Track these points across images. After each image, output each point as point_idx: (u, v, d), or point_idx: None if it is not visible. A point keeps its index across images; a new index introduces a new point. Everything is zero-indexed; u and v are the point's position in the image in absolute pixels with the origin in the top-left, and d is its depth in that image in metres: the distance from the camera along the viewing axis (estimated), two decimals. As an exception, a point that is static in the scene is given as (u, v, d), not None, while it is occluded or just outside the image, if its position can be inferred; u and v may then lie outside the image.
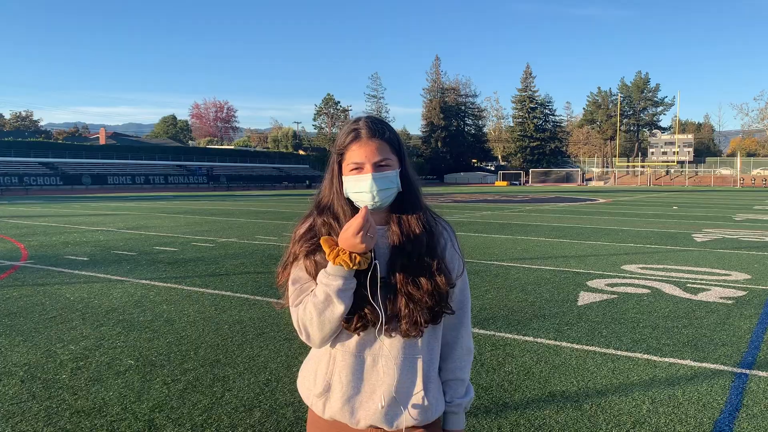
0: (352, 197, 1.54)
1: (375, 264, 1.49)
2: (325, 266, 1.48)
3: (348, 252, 1.43)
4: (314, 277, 1.52)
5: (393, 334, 1.54)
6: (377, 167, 1.51)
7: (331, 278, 1.45)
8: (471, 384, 1.71)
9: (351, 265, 1.43)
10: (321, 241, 1.48)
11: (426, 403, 1.56)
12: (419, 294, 1.50)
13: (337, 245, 1.45)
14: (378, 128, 1.54)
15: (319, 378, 1.60)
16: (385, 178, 1.51)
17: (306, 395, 1.65)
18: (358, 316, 1.50)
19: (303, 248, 1.56)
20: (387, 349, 1.54)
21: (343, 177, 1.56)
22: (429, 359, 1.59)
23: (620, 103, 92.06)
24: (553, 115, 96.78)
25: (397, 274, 1.51)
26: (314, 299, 1.48)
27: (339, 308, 1.46)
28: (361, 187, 1.51)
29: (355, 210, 1.53)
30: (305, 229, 1.60)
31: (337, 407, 1.56)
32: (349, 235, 1.41)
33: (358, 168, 1.51)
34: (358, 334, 1.53)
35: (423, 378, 1.56)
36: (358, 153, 1.51)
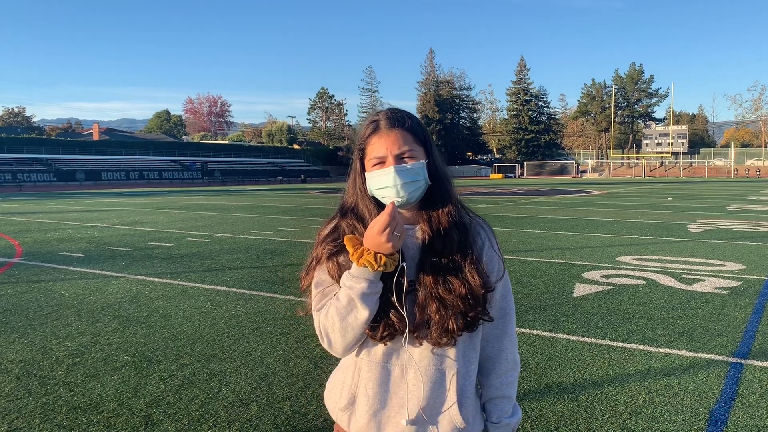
0: (377, 194, 1.42)
1: (402, 266, 1.36)
2: (349, 268, 1.36)
3: (373, 252, 1.31)
4: (338, 280, 1.41)
5: (423, 343, 1.41)
6: (400, 159, 1.39)
7: (355, 281, 1.33)
8: (517, 403, 1.57)
9: (376, 267, 1.30)
10: (344, 240, 1.36)
11: (460, 420, 1.42)
12: (451, 298, 1.37)
13: (361, 245, 1.34)
14: (398, 117, 1.43)
15: (345, 390, 1.49)
16: (410, 170, 1.38)
17: (332, 408, 1.54)
18: (384, 324, 1.38)
19: (325, 250, 1.45)
20: (416, 359, 1.41)
21: (365, 174, 1.44)
22: (465, 372, 1.45)
23: (614, 95, 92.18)
24: (548, 107, 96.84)
25: (427, 276, 1.39)
26: (337, 303, 1.37)
27: (363, 314, 1.34)
28: (384, 182, 1.38)
29: (381, 209, 1.39)
30: (329, 230, 1.48)
31: (362, 422, 1.44)
32: (375, 233, 1.29)
33: (380, 162, 1.40)
34: (385, 344, 1.41)
35: (457, 392, 1.43)
36: (378, 145, 1.40)
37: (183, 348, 4.65)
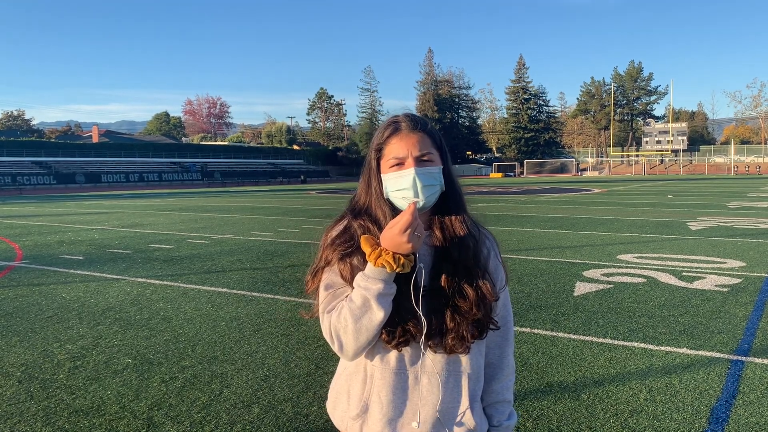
0: (393, 197, 1.41)
1: (420, 267, 1.37)
2: (363, 270, 1.35)
3: (391, 252, 1.29)
4: (350, 282, 1.39)
5: (437, 350, 1.41)
6: (420, 162, 1.39)
7: (371, 281, 1.31)
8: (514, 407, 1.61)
9: (394, 267, 1.29)
10: (361, 240, 1.35)
11: (474, 424, 1.45)
12: (466, 305, 1.39)
13: (378, 245, 1.32)
14: (419, 120, 1.44)
15: (354, 398, 1.46)
16: (429, 173, 1.38)
17: (339, 418, 1.51)
18: (401, 329, 1.37)
19: (337, 251, 1.42)
20: (430, 365, 1.42)
21: (382, 176, 1.43)
22: (476, 377, 1.48)
23: (614, 93, 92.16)
24: (547, 105, 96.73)
25: (442, 283, 1.40)
26: (350, 304, 1.34)
27: (378, 315, 1.32)
28: (402, 184, 1.38)
29: (396, 213, 1.39)
30: (339, 231, 1.46)
31: (376, 430, 1.42)
32: (395, 233, 1.27)
33: (399, 163, 1.39)
34: (399, 350, 1.41)
35: (469, 397, 1.45)
36: (398, 146, 1.40)
37: (184, 350, 4.65)
